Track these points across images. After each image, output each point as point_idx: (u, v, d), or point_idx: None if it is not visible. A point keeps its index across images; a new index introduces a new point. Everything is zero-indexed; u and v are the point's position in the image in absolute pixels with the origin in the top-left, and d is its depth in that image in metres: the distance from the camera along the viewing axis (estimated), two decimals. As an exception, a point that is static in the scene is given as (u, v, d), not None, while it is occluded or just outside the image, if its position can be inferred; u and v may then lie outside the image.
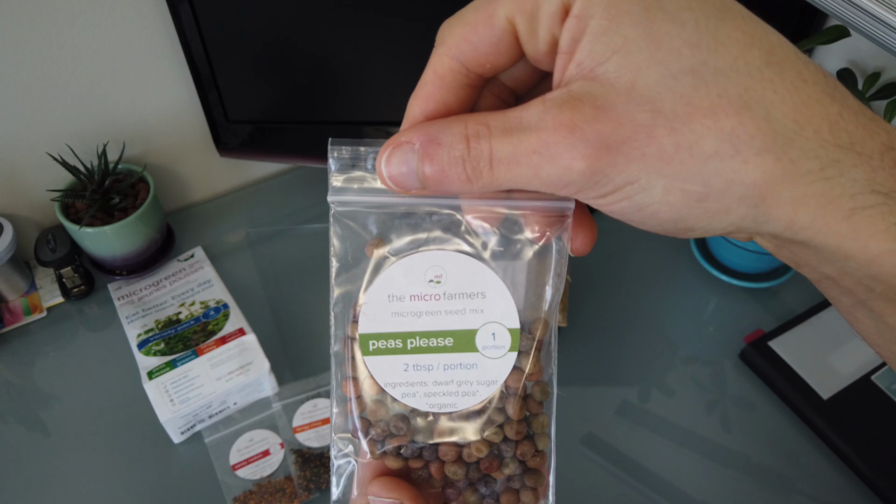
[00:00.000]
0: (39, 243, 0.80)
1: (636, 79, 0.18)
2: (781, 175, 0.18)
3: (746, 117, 0.18)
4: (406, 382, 0.24)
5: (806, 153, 0.18)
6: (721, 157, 0.18)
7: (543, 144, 0.19)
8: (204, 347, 0.71)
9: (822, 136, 0.18)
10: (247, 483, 0.65)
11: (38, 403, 0.72)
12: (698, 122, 0.18)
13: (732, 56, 0.18)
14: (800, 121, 0.18)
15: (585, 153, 0.19)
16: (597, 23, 0.18)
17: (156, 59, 0.78)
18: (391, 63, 0.77)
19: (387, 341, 0.23)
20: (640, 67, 0.18)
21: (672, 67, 0.18)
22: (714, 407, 0.71)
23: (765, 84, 0.18)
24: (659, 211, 0.20)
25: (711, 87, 0.18)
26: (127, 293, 0.80)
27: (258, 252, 0.87)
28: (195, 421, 0.68)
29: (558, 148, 0.19)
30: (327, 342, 0.78)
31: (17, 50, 0.71)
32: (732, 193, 0.19)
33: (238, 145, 0.85)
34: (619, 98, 0.18)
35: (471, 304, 0.23)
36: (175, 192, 0.91)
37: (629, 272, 0.83)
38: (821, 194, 0.18)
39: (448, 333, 0.23)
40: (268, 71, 0.77)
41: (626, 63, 0.18)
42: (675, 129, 0.18)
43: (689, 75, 0.18)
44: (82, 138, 0.79)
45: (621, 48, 0.18)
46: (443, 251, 0.23)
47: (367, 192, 0.23)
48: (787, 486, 0.65)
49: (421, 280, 0.23)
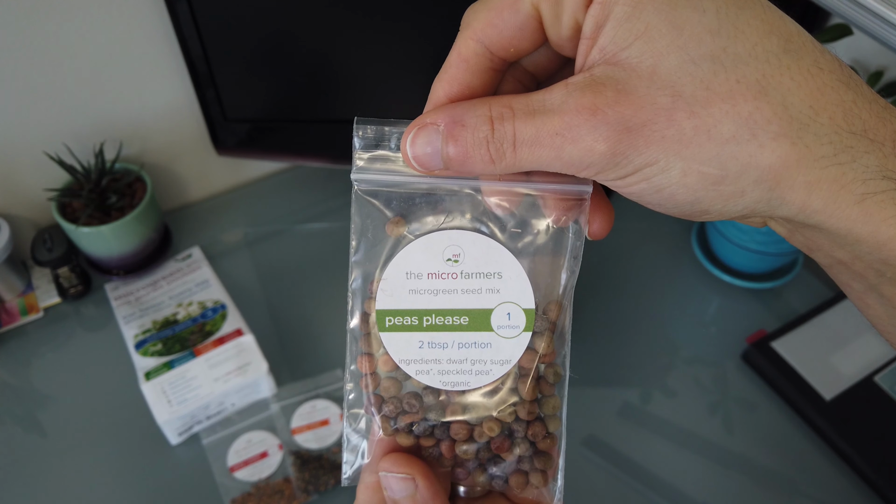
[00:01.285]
0: (36, 243, 0.79)
1: (658, 63, 0.19)
2: (796, 159, 0.19)
3: (764, 102, 0.19)
4: (420, 360, 0.24)
5: (820, 139, 0.19)
6: (738, 140, 0.19)
7: (566, 126, 0.20)
8: (202, 348, 0.70)
9: (837, 122, 0.19)
10: (245, 485, 0.65)
11: (34, 404, 0.72)
12: (717, 107, 0.19)
13: (751, 43, 0.19)
14: (815, 107, 0.19)
15: (607, 135, 0.19)
16: (620, 9, 0.19)
17: (153, 57, 0.78)
18: (390, 61, 0.76)
19: (403, 318, 0.24)
20: (661, 53, 0.19)
21: (693, 53, 0.19)
22: (716, 408, 0.70)
23: (782, 71, 0.19)
24: (676, 193, 0.20)
25: (731, 72, 0.19)
26: (124, 293, 0.79)
27: (256, 252, 0.86)
28: (193, 422, 0.68)
29: (580, 130, 0.20)
30: (327, 343, 0.78)
31: (13, 49, 0.70)
32: (748, 176, 0.19)
33: (236, 144, 0.85)
34: (641, 82, 0.19)
35: (487, 283, 0.24)
36: (172, 192, 0.90)
37: (631, 272, 0.83)
38: (833, 179, 0.19)
39: (464, 312, 0.24)
40: (266, 69, 0.77)
41: (648, 48, 0.19)
42: (694, 112, 0.19)
43: (708, 61, 0.18)
44: (79, 137, 0.79)
45: (643, 34, 0.19)
46: (461, 230, 0.24)
47: (389, 172, 0.24)
48: (790, 487, 0.64)
49: (439, 258, 0.24)
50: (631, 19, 0.19)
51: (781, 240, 0.73)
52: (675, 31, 0.19)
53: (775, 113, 0.19)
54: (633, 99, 0.19)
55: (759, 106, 0.19)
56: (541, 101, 0.21)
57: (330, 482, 0.64)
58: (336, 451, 0.67)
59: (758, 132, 0.19)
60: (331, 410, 0.69)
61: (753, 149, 0.19)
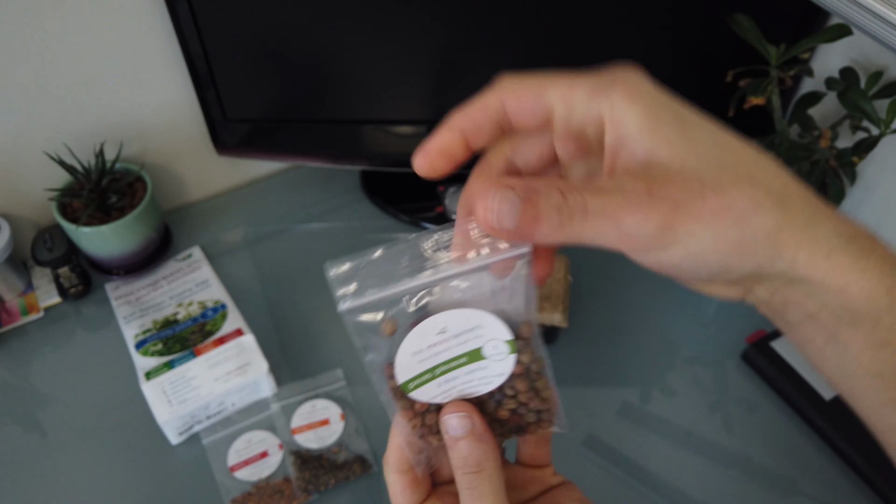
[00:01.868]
0: (36, 243, 0.80)
1: (684, 163, 0.26)
2: (785, 223, 0.26)
3: (757, 189, 0.26)
4: (442, 393, 0.32)
5: (797, 211, 0.26)
6: (749, 212, 0.25)
7: (628, 201, 0.25)
8: (202, 348, 0.70)
9: (804, 199, 0.27)
10: (245, 485, 0.65)
11: (35, 404, 0.72)
12: (730, 192, 0.25)
13: (735, 154, 0.27)
14: (787, 192, 0.26)
15: (660, 208, 0.25)
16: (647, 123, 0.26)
17: (153, 57, 0.78)
18: (389, 62, 0.76)
19: (420, 378, 0.31)
20: (684, 158, 0.26)
21: (704, 158, 0.26)
22: (716, 408, 0.70)
23: (759, 171, 0.27)
24: (708, 257, 0.26)
25: (731, 172, 0.26)
26: (124, 293, 0.79)
27: (256, 252, 0.86)
28: (193, 422, 0.68)
29: (641, 204, 0.25)
30: (327, 342, 0.78)
31: (14, 49, 0.70)
32: (758, 237, 0.26)
33: (236, 144, 0.85)
34: (676, 175, 0.26)
35: (472, 334, 0.31)
36: (173, 192, 0.91)
37: (630, 272, 0.83)
38: (811, 239, 0.26)
39: (462, 356, 0.31)
40: (266, 69, 0.77)
41: (674, 154, 0.26)
42: (717, 194, 0.25)
43: (714, 165, 0.26)
44: (79, 137, 0.79)
45: (668, 143, 0.26)
46: (442, 313, 0.30)
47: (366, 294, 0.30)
48: (789, 486, 0.65)
49: (431, 335, 0.31)
50: (655, 134, 0.26)
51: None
52: (690, 144, 0.26)
53: (765, 195, 0.26)
54: (677, 184, 0.25)
55: (755, 191, 0.26)
56: (602, 184, 0.26)
57: (330, 482, 0.64)
58: (336, 451, 0.67)
59: (759, 207, 0.25)
60: (331, 410, 0.69)
61: (759, 218, 0.25)
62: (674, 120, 0.26)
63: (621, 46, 0.74)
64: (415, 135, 0.83)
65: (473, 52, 0.75)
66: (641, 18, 0.72)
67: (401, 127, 0.83)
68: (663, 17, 0.72)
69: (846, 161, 0.67)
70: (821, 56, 0.76)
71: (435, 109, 0.81)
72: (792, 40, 0.65)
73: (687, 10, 0.71)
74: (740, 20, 0.66)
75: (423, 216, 0.89)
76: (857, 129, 0.67)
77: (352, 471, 0.65)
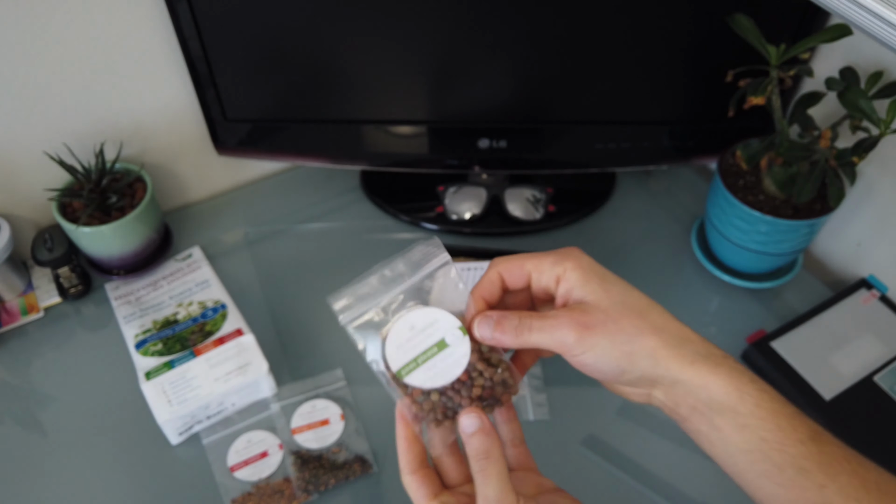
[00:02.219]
0: (36, 243, 0.80)
1: (599, 304, 0.41)
2: (661, 344, 0.39)
3: (645, 320, 0.40)
4: (429, 378, 0.42)
5: (670, 336, 0.40)
6: (634, 335, 0.40)
7: (558, 323, 0.40)
8: (202, 348, 0.70)
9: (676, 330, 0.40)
10: (245, 485, 0.65)
11: (35, 404, 0.72)
12: (625, 321, 0.40)
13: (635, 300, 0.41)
14: (665, 325, 0.40)
15: (579, 328, 0.40)
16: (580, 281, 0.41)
17: (153, 57, 0.78)
18: (388, 62, 0.76)
19: (408, 367, 0.42)
20: (601, 299, 0.41)
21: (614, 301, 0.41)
22: (715, 408, 0.70)
23: (648, 311, 0.41)
24: (609, 361, 0.40)
25: (629, 309, 0.41)
26: (124, 293, 0.79)
27: (256, 252, 0.86)
28: (193, 422, 0.68)
29: (567, 325, 0.40)
30: (326, 343, 0.78)
31: (14, 49, 0.70)
32: (643, 351, 0.39)
33: (236, 144, 0.85)
34: (593, 310, 0.40)
35: (433, 327, 0.43)
36: (173, 192, 0.91)
37: (630, 272, 0.83)
38: (679, 354, 0.39)
39: (432, 346, 0.43)
40: (266, 69, 0.77)
41: (595, 299, 0.41)
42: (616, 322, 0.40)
43: (620, 305, 0.41)
44: (80, 137, 0.79)
45: (592, 293, 0.41)
46: (408, 314, 0.43)
47: (357, 307, 0.43)
48: (789, 487, 0.64)
49: (405, 331, 0.43)
50: (585, 286, 0.41)
51: (781, 240, 0.73)
52: (605, 293, 0.41)
53: (649, 326, 0.40)
54: (592, 315, 0.40)
55: (643, 322, 0.40)
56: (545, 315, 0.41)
57: (330, 482, 0.64)
58: (336, 451, 0.67)
59: (642, 332, 0.40)
60: (331, 410, 0.69)
61: (643, 338, 0.40)
62: (598, 280, 0.42)
63: (620, 47, 0.74)
64: (414, 135, 0.83)
65: (472, 53, 0.75)
66: (641, 18, 0.72)
67: (400, 127, 0.83)
68: (663, 18, 0.72)
69: (846, 161, 0.67)
70: (821, 56, 0.76)
71: (434, 110, 0.81)
72: (792, 40, 0.65)
73: (687, 11, 0.71)
74: (740, 20, 0.66)
75: (422, 216, 0.89)
76: (857, 130, 0.67)
77: (352, 471, 0.65)
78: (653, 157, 0.85)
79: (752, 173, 0.76)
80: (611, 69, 0.77)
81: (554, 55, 0.75)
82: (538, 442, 0.50)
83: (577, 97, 0.80)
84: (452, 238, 0.88)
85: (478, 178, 0.90)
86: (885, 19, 0.43)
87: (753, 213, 0.71)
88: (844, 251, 0.81)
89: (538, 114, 0.81)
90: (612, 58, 0.76)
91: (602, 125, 0.82)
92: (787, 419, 0.40)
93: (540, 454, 0.47)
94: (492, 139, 0.83)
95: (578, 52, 0.75)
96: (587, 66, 0.77)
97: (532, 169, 0.88)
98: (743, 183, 0.75)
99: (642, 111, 0.81)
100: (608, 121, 0.82)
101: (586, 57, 0.76)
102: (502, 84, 0.79)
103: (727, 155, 0.78)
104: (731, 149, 0.78)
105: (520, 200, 0.89)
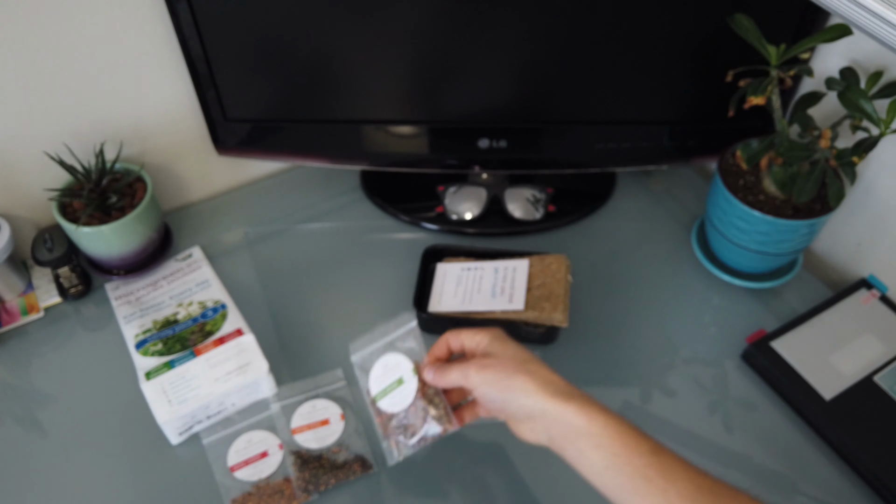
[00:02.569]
0: (37, 243, 0.80)
1: (495, 353, 0.56)
2: (532, 381, 0.52)
3: (523, 366, 0.53)
4: (392, 405, 0.60)
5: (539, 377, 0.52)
6: (513, 373, 0.53)
7: (467, 364, 0.56)
8: (202, 348, 0.70)
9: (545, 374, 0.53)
10: (245, 484, 0.65)
11: (35, 404, 0.72)
12: (509, 365, 0.54)
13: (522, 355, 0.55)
14: (538, 371, 0.53)
15: (477, 367, 0.55)
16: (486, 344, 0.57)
17: (153, 57, 0.78)
18: (388, 63, 0.77)
19: (381, 395, 0.60)
20: (497, 352, 0.56)
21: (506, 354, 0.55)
22: (716, 408, 0.70)
23: (529, 362, 0.54)
24: (495, 392, 0.54)
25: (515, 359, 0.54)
26: (124, 293, 0.80)
27: (256, 252, 0.86)
28: (193, 422, 0.68)
29: (472, 365, 0.55)
30: (326, 343, 0.79)
31: (14, 49, 0.70)
32: (517, 385, 0.52)
33: (236, 144, 0.85)
34: (492, 358, 0.55)
35: (397, 368, 0.60)
36: (173, 192, 0.91)
37: (630, 272, 0.83)
38: (544, 390, 0.51)
39: (394, 382, 0.60)
40: (266, 70, 0.77)
41: (499, 355, 0.55)
42: (503, 365, 0.54)
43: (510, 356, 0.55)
44: (80, 137, 0.79)
45: (498, 351, 0.56)
46: (383, 357, 0.61)
47: (360, 352, 0.62)
48: (789, 486, 0.65)
49: (380, 369, 0.61)
50: (491, 345, 0.56)
51: (781, 240, 0.73)
52: (503, 348, 0.56)
53: (524, 370, 0.53)
54: (489, 360, 0.55)
55: (521, 367, 0.53)
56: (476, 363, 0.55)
57: (330, 481, 0.65)
58: (336, 451, 0.67)
59: (519, 372, 0.53)
60: (330, 410, 0.69)
61: (519, 377, 0.52)
62: (500, 342, 0.56)
63: (620, 47, 0.74)
64: (414, 135, 0.84)
65: (472, 53, 0.75)
66: (641, 19, 0.72)
67: (400, 127, 0.83)
68: (663, 18, 0.72)
69: (846, 161, 0.67)
70: (821, 56, 0.76)
71: (434, 110, 0.81)
72: (792, 40, 0.65)
73: (687, 11, 0.71)
74: (741, 20, 0.66)
75: (422, 216, 0.89)
76: (857, 129, 0.67)
77: (352, 471, 0.65)
78: (653, 157, 0.85)
79: (752, 173, 0.76)
80: (611, 69, 0.77)
81: (554, 55, 0.75)
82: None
83: (578, 97, 0.80)
84: (452, 238, 0.88)
85: (478, 178, 0.90)
86: (885, 19, 0.43)
87: (753, 212, 0.71)
88: (844, 251, 0.82)
89: (538, 114, 0.82)
90: (612, 58, 0.76)
91: (602, 125, 0.82)
92: (632, 437, 0.48)
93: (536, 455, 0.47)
94: (492, 139, 0.83)
95: (578, 52, 0.75)
96: (587, 66, 0.77)
97: (532, 169, 0.88)
98: (743, 183, 0.75)
99: (642, 111, 0.81)
100: (608, 121, 0.82)
101: (586, 57, 0.76)
102: (502, 84, 0.79)
103: (727, 155, 0.78)
104: (732, 149, 0.78)
105: (520, 200, 0.89)
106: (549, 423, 0.51)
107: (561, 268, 0.75)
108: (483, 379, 0.53)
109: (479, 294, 0.75)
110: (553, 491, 0.64)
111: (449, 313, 0.74)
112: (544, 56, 0.75)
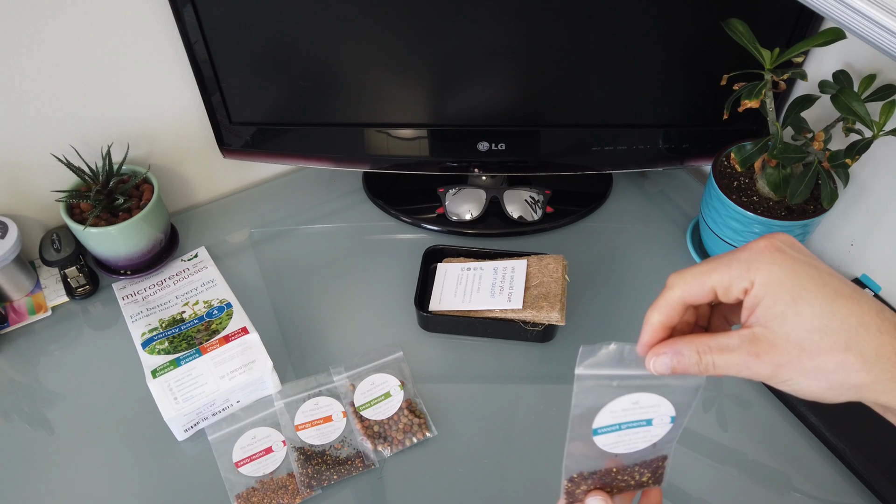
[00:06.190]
0: (44, 243, 0.81)
1: (789, 332, 0.36)
2: (870, 382, 0.35)
3: (849, 354, 0.35)
4: (374, 414, 0.66)
5: (882, 371, 0.35)
6: (836, 372, 0.35)
7: (743, 362, 0.37)
8: (207, 346, 0.71)
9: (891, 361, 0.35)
10: (250, 480, 0.66)
11: (42, 402, 0.73)
12: (824, 357, 0.35)
13: (839, 322, 0.35)
14: (879, 353, 0.35)
15: (766, 367, 0.37)
16: (766, 301, 0.36)
17: (159, 61, 0.79)
18: (391, 67, 0.77)
19: (364, 405, 0.66)
20: (791, 327, 0.36)
21: (808, 328, 0.35)
22: (711, 405, 0.71)
23: (859, 336, 0.35)
24: (808, 393, 0.37)
25: (831, 338, 0.35)
26: (131, 293, 0.81)
27: (261, 252, 0.88)
28: (198, 419, 0.69)
29: (751, 365, 0.37)
30: (329, 341, 0.79)
31: (21, 52, 0.71)
32: (845, 388, 0.36)
33: (241, 146, 0.86)
34: (780, 341, 0.36)
35: (383, 385, 0.68)
36: (179, 193, 0.92)
37: (626, 271, 0.84)
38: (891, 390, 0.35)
39: (381, 395, 0.64)
40: (270, 73, 0.78)
41: (783, 323, 0.36)
42: (812, 358, 0.35)
43: (818, 332, 0.35)
44: (87, 139, 0.80)
45: (780, 316, 0.36)
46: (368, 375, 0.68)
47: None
48: (784, 483, 0.65)
49: (369, 385, 0.68)
50: (773, 307, 0.36)
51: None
52: (798, 317, 0.36)
53: (856, 359, 0.35)
54: (779, 350, 0.36)
55: (847, 356, 0.35)
56: (726, 344, 0.38)
57: (333, 477, 0.66)
58: (338, 447, 0.68)
59: (847, 369, 0.35)
60: (333, 407, 0.71)
61: (846, 376, 0.35)
62: (789, 299, 0.36)
63: (617, 52, 0.75)
64: (416, 138, 0.85)
65: (472, 59, 0.76)
66: (637, 23, 0.73)
67: (402, 130, 0.84)
68: (659, 22, 0.73)
69: (839, 163, 0.68)
70: (814, 59, 0.77)
71: (435, 113, 0.82)
72: (786, 44, 0.66)
73: (681, 15, 0.72)
74: (735, 24, 0.67)
75: (423, 217, 0.90)
76: (851, 132, 0.68)
77: (354, 466, 0.66)
78: (649, 159, 0.86)
79: (746, 175, 0.77)
80: (607, 73, 0.78)
81: (552, 60, 0.76)
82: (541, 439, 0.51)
83: (575, 101, 0.81)
84: (452, 239, 0.89)
85: (477, 180, 0.92)
86: (879, 23, 0.43)
87: (747, 213, 0.72)
88: (838, 251, 0.82)
89: (536, 117, 0.83)
90: (608, 62, 0.77)
91: (599, 128, 0.83)
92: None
93: (546, 452, 0.48)
94: (491, 142, 0.84)
95: (576, 57, 0.76)
96: (585, 71, 0.78)
97: (530, 171, 0.89)
98: (737, 184, 0.77)
99: (638, 114, 0.82)
100: (605, 124, 0.83)
101: (584, 62, 0.77)
102: (501, 88, 0.80)
103: (721, 157, 0.79)
104: (726, 151, 0.79)
105: (518, 202, 0.90)
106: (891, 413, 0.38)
107: (558, 268, 0.76)
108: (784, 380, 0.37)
109: (478, 293, 0.76)
110: (553, 490, 0.65)
111: (449, 312, 0.75)
112: (542, 61, 0.76)
